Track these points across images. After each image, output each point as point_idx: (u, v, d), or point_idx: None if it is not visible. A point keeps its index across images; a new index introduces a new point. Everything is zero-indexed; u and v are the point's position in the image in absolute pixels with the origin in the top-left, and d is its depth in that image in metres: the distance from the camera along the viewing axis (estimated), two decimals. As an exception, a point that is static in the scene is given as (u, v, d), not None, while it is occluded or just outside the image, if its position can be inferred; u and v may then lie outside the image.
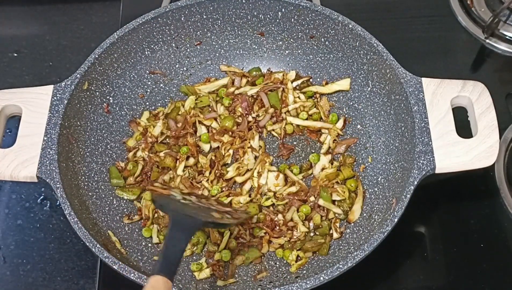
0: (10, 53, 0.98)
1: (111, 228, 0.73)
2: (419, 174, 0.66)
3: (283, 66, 0.88)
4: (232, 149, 0.80)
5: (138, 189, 0.78)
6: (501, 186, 0.78)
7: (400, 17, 0.99)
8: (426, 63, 0.92)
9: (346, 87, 0.83)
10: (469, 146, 0.68)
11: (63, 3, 1.04)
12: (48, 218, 0.80)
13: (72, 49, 0.98)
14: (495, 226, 0.77)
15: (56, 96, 0.73)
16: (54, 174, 0.68)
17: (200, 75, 0.88)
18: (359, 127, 0.82)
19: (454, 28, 0.96)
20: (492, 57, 0.93)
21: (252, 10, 0.83)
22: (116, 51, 0.79)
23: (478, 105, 0.70)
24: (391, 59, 0.74)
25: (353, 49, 0.80)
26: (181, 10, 0.81)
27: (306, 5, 0.80)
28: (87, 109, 0.78)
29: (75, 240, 0.78)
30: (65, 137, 0.72)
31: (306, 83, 0.86)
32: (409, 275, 0.74)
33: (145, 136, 0.82)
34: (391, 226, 0.63)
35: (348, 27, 0.78)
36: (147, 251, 0.74)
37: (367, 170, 0.79)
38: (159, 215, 0.76)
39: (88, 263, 0.76)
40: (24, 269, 0.76)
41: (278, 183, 0.78)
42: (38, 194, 0.82)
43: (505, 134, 0.82)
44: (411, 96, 0.71)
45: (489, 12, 0.95)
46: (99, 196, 0.75)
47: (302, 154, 0.82)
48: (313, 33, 0.83)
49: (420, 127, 0.69)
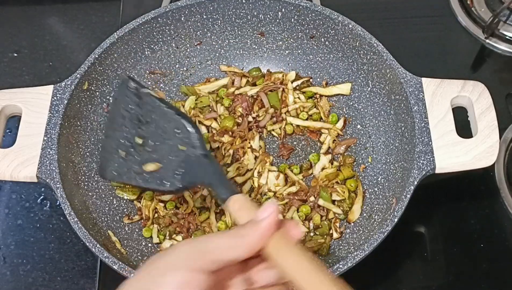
0: (10, 53, 0.98)
1: (111, 228, 0.73)
2: (419, 174, 0.66)
3: (283, 66, 0.88)
4: (232, 149, 0.80)
5: (138, 189, 0.78)
6: (501, 186, 0.78)
7: (400, 17, 0.99)
8: (426, 63, 0.92)
9: (347, 92, 0.83)
10: (469, 146, 0.68)
11: (63, 3, 1.04)
12: (48, 218, 0.80)
13: (72, 49, 0.98)
14: (495, 226, 0.77)
15: (56, 96, 0.73)
16: (54, 174, 0.68)
17: (200, 75, 0.88)
18: (359, 127, 0.82)
19: (454, 28, 0.96)
20: (492, 57, 0.93)
21: (252, 10, 0.83)
22: (116, 51, 0.79)
23: (478, 105, 0.70)
24: (391, 59, 0.74)
25: (353, 49, 0.80)
26: (181, 10, 0.81)
27: (306, 5, 0.80)
28: (87, 109, 0.77)
29: (75, 240, 0.78)
30: (65, 137, 0.72)
31: (306, 83, 0.86)
32: (409, 275, 0.74)
33: (145, 136, 0.82)
34: (391, 226, 0.63)
35: (348, 27, 0.78)
36: (147, 251, 0.74)
37: (367, 170, 0.79)
38: (159, 215, 0.76)
39: (88, 263, 0.76)
40: (24, 269, 0.76)
41: (279, 183, 0.78)
42: (38, 194, 0.82)
43: (505, 134, 0.82)
44: (411, 96, 0.71)
45: (489, 12, 0.95)
46: (99, 196, 0.75)
47: (302, 154, 0.82)
48: (313, 33, 0.83)
49: (420, 127, 0.69)
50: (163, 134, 0.63)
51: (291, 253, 0.44)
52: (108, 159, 0.67)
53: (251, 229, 0.44)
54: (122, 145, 0.66)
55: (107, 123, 0.69)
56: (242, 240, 0.44)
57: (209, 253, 0.42)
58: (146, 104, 0.65)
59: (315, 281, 0.43)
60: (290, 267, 0.44)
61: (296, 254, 0.44)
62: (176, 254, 0.43)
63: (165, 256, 0.43)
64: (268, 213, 0.44)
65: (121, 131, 0.66)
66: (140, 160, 0.64)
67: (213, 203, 0.76)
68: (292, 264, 0.44)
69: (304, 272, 0.43)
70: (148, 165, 0.64)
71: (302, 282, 0.43)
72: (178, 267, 0.42)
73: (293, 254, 0.44)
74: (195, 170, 0.60)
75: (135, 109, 0.66)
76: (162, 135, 0.63)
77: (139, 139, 0.65)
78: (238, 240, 0.43)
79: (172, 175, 0.61)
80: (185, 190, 0.75)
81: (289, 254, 0.44)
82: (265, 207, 0.45)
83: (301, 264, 0.44)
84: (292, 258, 0.44)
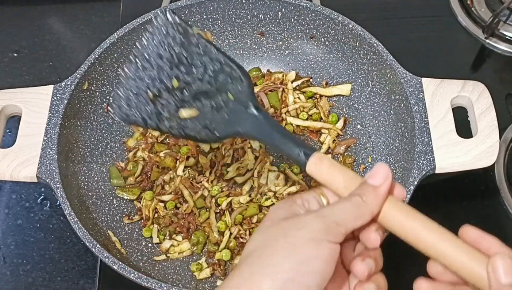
0: (10, 53, 0.98)
1: (111, 228, 0.73)
2: (419, 174, 0.66)
3: (283, 66, 0.88)
4: (232, 149, 0.80)
5: (138, 189, 0.78)
6: (501, 186, 0.78)
7: (400, 17, 0.99)
8: (426, 63, 0.92)
9: (347, 93, 0.83)
10: (469, 146, 0.68)
11: (63, 3, 1.04)
12: (48, 218, 0.80)
13: (72, 49, 0.98)
14: (495, 226, 0.77)
15: (56, 96, 0.73)
16: (54, 174, 0.68)
17: (200, 75, 0.88)
18: (359, 127, 0.82)
19: (454, 28, 0.96)
20: (492, 57, 0.93)
21: (252, 10, 0.83)
22: (116, 51, 0.79)
23: (478, 105, 0.70)
24: (391, 59, 0.74)
25: (353, 49, 0.80)
26: (181, 10, 0.81)
27: (306, 5, 0.80)
28: (87, 109, 0.78)
29: (75, 240, 0.78)
30: (65, 137, 0.72)
31: (306, 83, 0.86)
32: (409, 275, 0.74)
33: (145, 136, 0.82)
34: (391, 226, 0.63)
35: (348, 27, 0.78)
36: (147, 251, 0.74)
37: (367, 170, 0.79)
38: (159, 215, 0.76)
39: (88, 263, 0.76)
40: (24, 269, 0.76)
41: (279, 183, 0.78)
42: (38, 194, 0.82)
43: (505, 134, 0.82)
44: (411, 96, 0.71)
45: (489, 12, 0.95)
46: (99, 196, 0.75)
47: (302, 154, 0.82)
48: (313, 33, 0.83)
49: (420, 127, 0.69)
50: (209, 79, 0.57)
51: (402, 211, 0.45)
52: (130, 100, 0.59)
53: (371, 196, 0.44)
54: (151, 86, 0.59)
55: (131, 61, 0.60)
56: (367, 208, 0.44)
57: (340, 226, 0.43)
58: (191, 45, 0.58)
59: (430, 236, 0.44)
60: (404, 227, 0.44)
61: (407, 211, 0.45)
62: (311, 228, 0.43)
63: (298, 231, 0.43)
64: (384, 176, 0.45)
65: (153, 70, 0.59)
66: (174, 104, 0.58)
67: (213, 203, 0.77)
68: (405, 224, 0.44)
69: (419, 228, 0.44)
70: (185, 110, 0.58)
71: (413, 238, 0.44)
72: (320, 240, 0.42)
73: (405, 212, 0.45)
74: (244, 121, 0.55)
75: (176, 48, 0.58)
76: (207, 80, 0.57)
77: (176, 81, 0.58)
78: (363, 208, 0.44)
79: (212, 123, 0.57)
80: (224, 140, 0.70)
81: (401, 213, 0.45)
82: (379, 170, 0.45)
83: (414, 222, 0.44)
84: (405, 217, 0.45)
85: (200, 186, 0.78)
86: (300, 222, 0.43)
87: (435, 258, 0.44)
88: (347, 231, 0.44)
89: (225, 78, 0.57)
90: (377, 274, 0.47)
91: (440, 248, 0.44)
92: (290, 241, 0.42)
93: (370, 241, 0.45)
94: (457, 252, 0.43)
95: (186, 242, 0.74)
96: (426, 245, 0.44)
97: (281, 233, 0.43)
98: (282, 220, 0.45)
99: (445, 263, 0.44)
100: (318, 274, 0.42)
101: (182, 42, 0.58)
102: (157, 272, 0.71)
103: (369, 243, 0.46)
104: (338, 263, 0.48)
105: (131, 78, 0.59)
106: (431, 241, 0.44)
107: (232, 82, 0.56)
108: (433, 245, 0.44)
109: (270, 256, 0.42)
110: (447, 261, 0.43)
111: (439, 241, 0.44)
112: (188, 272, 0.73)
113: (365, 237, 0.46)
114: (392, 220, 0.45)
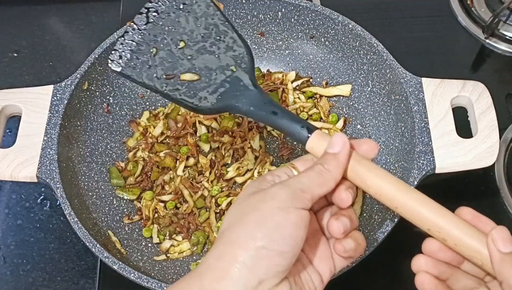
0: (10, 53, 0.98)
1: (111, 228, 0.73)
2: (419, 174, 0.66)
3: (283, 66, 0.88)
4: (232, 149, 0.80)
5: (138, 189, 0.78)
6: (501, 186, 0.78)
7: (400, 17, 0.99)
8: (426, 63, 0.92)
9: (347, 93, 0.83)
10: (469, 146, 0.68)
11: (63, 3, 1.04)
12: (48, 218, 0.80)
13: (72, 49, 0.98)
14: (495, 226, 0.77)
15: (56, 96, 0.73)
16: (54, 174, 0.68)
17: (200, 75, 0.88)
18: (359, 127, 0.82)
19: (454, 28, 0.96)
20: (492, 57, 0.93)
21: (252, 10, 0.83)
22: (116, 51, 0.79)
23: (478, 105, 0.70)
24: (391, 59, 0.74)
25: (353, 49, 0.80)
26: (181, 10, 0.81)
27: (306, 5, 0.80)
28: (87, 109, 0.78)
29: (75, 240, 0.78)
30: (65, 137, 0.72)
31: (306, 83, 0.86)
32: (409, 275, 0.74)
33: (145, 136, 0.82)
34: (391, 226, 0.63)
35: (348, 27, 0.78)
36: (147, 251, 0.74)
37: (367, 170, 0.79)
38: (159, 215, 0.76)
39: (88, 263, 0.76)
40: (24, 269, 0.76)
41: (278, 183, 0.78)
42: (38, 194, 0.82)
43: (505, 134, 0.82)
44: (411, 96, 0.71)
45: (489, 12, 0.95)
46: (99, 196, 0.75)
47: (302, 154, 0.82)
48: (313, 33, 0.83)
49: (420, 127, 0.69)
50: (214, 49, 0.58)
51: (365, 169, 0.48)
52: (132, 52, 0.59)
53: (332, 163, 0.47)
54: (158, 43, 0.59)
55: (141, 13, 0.60)
56: (329, 174, 0.47)
57: (305, 193, 0.45)
58: (202, 12, 0.59)
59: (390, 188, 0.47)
60: (367, 182, 0.48)
61: (370, 168, 0.48)
62: (278, 197, 0.45)
63: (266, 203, 0.45)
64: (341, 144, 0.47)
65: (162, 27, 0.59)
66: (176, 65, 0.58)
67: (213, 203, 0.77)
68: (369, 178, 0.48)
69: (380, 181, 0.47)
70: (187, 74, 0.58)
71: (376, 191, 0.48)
72: (288, 207, 0.44)
73: (367, 168, 0.48)
74: (241, 97, 0.55)
75: (188, 12, 0.59)
76: (212, 50, 0.58)
77: (183, 43, 0.59)
78: (325, 175, 0.46)
79: (209, 91, 0.56)
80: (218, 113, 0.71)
81: (364, 170, 0.48)
82: (337, 139, 0.48)
83: (378, 176, 0.48)
84: (367, 173, 0.48)
85: (200, 186, 0.78)
86: (268, 194, 0.45)
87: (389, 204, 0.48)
88: (314, 198, 0.46)
89: (230, 50, 0.58)
90: (354, 231, 0.49)
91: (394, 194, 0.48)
92: (259, 213, 0.44)
93: (342, 200, 0.48)
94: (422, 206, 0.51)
95: (186, 242, 0.74)
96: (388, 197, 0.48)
97: (250, 207, 0.45)
98: (250, 195, 0.46)
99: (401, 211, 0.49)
100: (290, 240, 0.43)
101: (191, 7, 0.60)
102: (157, 272, 0.71)
103: (341, 203, 0.48)
104: (318, 231, 0.51)
105: (137, 31, 0.60)
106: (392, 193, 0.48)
107: (236, 55, 0.58)
108: (394, 196, 0.48)
109: (242, 229, 0.44)
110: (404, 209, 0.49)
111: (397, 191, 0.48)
112: (188, 272, 0.73)
113: (336, 198, 0.48)
114: (356, 175, 0.48)
